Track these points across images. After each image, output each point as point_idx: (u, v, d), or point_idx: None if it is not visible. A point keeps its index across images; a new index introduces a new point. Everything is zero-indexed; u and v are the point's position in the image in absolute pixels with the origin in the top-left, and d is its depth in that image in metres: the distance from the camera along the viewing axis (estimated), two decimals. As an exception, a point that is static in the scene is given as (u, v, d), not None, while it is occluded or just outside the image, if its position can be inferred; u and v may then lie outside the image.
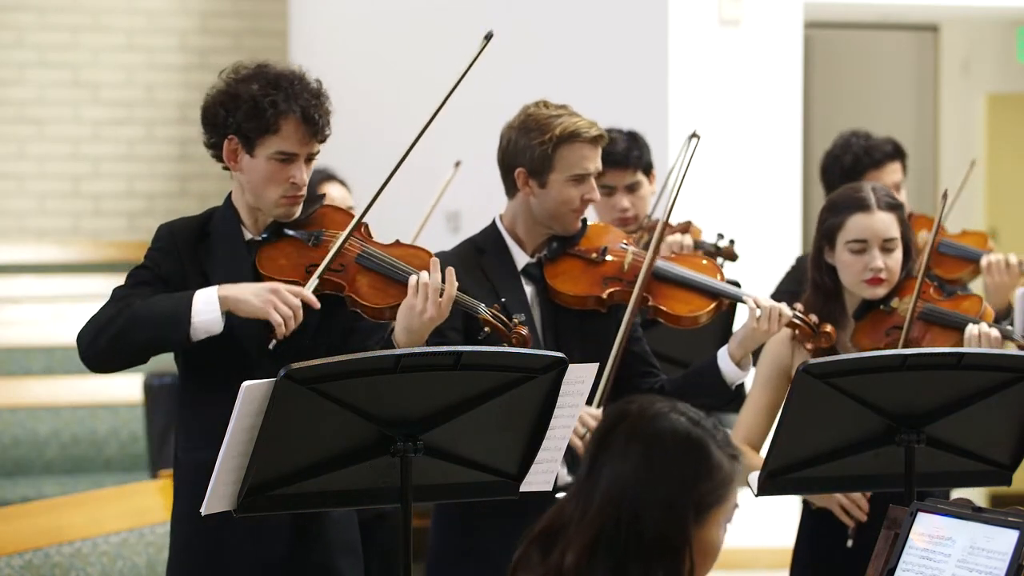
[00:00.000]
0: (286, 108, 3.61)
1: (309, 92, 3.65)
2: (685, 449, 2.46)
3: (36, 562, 4.86)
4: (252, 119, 3.61)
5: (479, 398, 3.23)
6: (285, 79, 3.64)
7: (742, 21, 7.62)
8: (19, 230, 9.96)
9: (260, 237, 3.69)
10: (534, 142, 3.89)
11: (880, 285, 4.03)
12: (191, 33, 10.18)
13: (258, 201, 3.67)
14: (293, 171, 3.64)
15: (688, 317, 3.95)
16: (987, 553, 3.03)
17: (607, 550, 2.43)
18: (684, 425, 2.48)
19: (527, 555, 2.51)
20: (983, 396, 3.50)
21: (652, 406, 2.51)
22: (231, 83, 3.65)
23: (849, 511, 3.97)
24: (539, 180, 3.90)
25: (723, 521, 2.49)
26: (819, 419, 3.49)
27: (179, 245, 3.69)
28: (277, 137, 3.61)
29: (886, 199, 4.06)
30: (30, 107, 9.97)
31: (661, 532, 2.43)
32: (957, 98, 10.15)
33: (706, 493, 2.46)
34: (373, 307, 3.63)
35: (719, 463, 2.48)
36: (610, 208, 4.90)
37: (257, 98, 3.60)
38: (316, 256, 3.66)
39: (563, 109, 3.94)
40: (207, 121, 3.69)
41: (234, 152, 3.65)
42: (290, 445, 3.19)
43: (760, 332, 3.89)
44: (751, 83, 7.67)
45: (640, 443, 2.46)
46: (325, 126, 3.67)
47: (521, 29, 8.18)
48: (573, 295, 3.93)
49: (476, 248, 3.98)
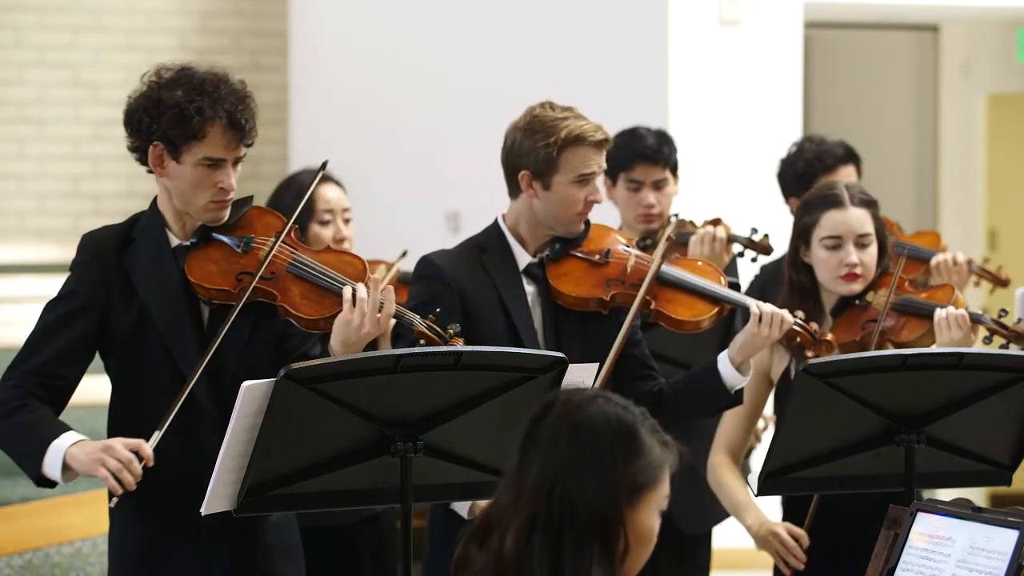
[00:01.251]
0: (211, 114, 3.54)
1: (235, 96, 3.59)
2: (614, 431, 2.49)
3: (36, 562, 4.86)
4: (177, 126, 3.55)
5: (479, 398, 3.23)
6: (210, 84, 3.57)
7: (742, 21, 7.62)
8: (19, 230, 9.96)
9: (188, 242, 3.64)
10: (539, 144, 3.88)
11: (856, 281, 4.05)
12: (191, 33, 10.18)
13: (186, 206, 3.62)
14: (220, 176, 3.58)
15: (690, 322, 3.94)
16: (987, 553, 3.03)
17: (542, 533, 2.45)
18: (612, 409, 2.51)
19: (466, 553, 2.53)
20: (983, 396, 3.50)
21: (578, 394, 2.54)
22: (154, 88, 3.60)
23: (786, 560, 3.96)
24: (543, 182, 3.90)
25: (656, 507, 2.51)
26: (819, 419, 3.49)
27: (101, 256, 3.64)
28: (203, 144, 3.56)
29: (860, 196, 4.10)
30: (30, 107, 9.96)
31: (594, 512, 2.45)
32: (957, 98, 10.15)
33: (637, 473, 2.48)
34: (307, 319, 3.57)
35: (649, 445, 2.50)
36: (636, 204, 4.89)
37: (182, 104, 3.54)
38: (246, 262, 3.61)
39: (568, 111, 3.93)
40: (130, 126, 3.65)
41: (159, 158, 3.60)
42: (290, 445, 3.19)
43: (761, 338, 3.89)
44: (751, 83, 7.67)
45: (569, 428, 2.49)
46: (251, 130, 3.61)
47: (521, 29, 8.19)
48: (576, 296, 3.93)
49: (478, 247, 3.98)
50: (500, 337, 3.80)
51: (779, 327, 3.87)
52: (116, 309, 3.61)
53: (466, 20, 8.52)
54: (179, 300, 3.60)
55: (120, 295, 3.60)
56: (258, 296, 3.58)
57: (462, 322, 3.80)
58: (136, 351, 3.60)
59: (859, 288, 4.07)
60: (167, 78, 3.60)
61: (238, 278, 3.59)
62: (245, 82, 3.66)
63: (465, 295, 3.86)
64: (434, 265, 3.89)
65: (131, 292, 3.60)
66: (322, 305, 3.57)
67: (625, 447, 2.48)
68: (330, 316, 3.55)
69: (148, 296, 3.60)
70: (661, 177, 4.91)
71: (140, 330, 3.60)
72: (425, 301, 3.81)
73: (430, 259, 3.92)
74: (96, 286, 3.62)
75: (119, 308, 3.61)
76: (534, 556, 2.45)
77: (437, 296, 3.82)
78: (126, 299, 3.60)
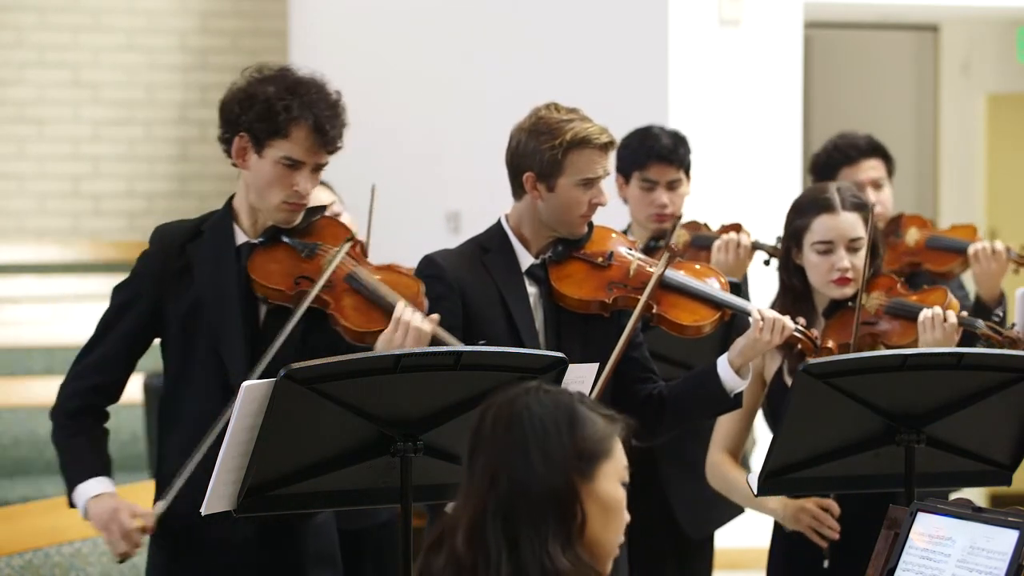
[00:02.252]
0: (299, 114, 3.60)
1: (326, 102, 3.65)
2: (552, 410, 2.51)
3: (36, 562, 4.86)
4: (264, 120, 3.61)
5: (479, 398, 3.21)
6: (304, 86, 3.65)
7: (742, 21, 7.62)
8: (19, 230, 9.96)
9: (256, 240, 3.70)
10: (544, 146, 3.88)
11: (847, 285, 4.06)
12: (191, 33, 10.18)
13: (260, 202, 3.67)
14: (298, 178, 3.63)
15: (692, 327, 3.94)
16: (987, 553, 3.04)
17: (494, 521, 2.46)
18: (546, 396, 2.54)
19: (425, 563, 2.54)
20: (983, 396, 3.50)
21: (512, 390, 2.57)
22: (252, 82, 3.66)
23: (820, 532, 3.96)
24: (547, 184, 3.89)
25: (615, 477, 2.52)
26: (819, 419, 3.49)
27: (166, 247, 3.69)
28: (286, 142, 3.61)
29: (851, 199, 4.08)
30: (30, 107, 9.97)
31: (545, 488, 2.46)
32: (957, 98, 10.15)
33: (583, 442, 2.49)
34: (355, 329, 3.62)
35: (591, 417, 2.53)
36: (648, 203, 4.89)
37: (272, 100, 3.60)
38: (307, 268, 3.66)
39: (574, 113, 3.92)
40: (223, 115, 3.70)
41: (243, 150, 3.65)
42: (290, 445, 3.19)
43: (762, 343, 3.89)
44: (751, 83, 7.67)
45: (506, 418, 2.51)
46: (337, 138, 3.66)
47: (521, 29, 8.19)
48: (578, 299, 3.92)
49: (481, 247, 3.98)
50: (501, 337, 3.80)
51: (780, 333, 3.87)
52: (171, 299, 3.67)
53: (466, 20, 8.52)
54: (235, 296, 3.66)
55: (177, 285, 3.66)
56: (313, 303, 3.63)
57: (463, 322, 3.80)
58: (185, 343, 3.66)
59: (851, 291, 4.07)
60: (265, 74, 3.67)
61: (296, 281, 3.64)
62: (341, 93, 3.72)
63: (466, 295, 3.86)
64: (436, 265, 3.90)
65: (189, 283, 3.66)
66: (370, 319, 3.62)
67: (565, 422, 2.51)
68: (377, 331, 3.59)
69: (204, 288, 3.66)
70: (675, 177, 4.90)
71: (192, 322, 3.66)
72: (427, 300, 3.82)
73: (432, 259, 3.92)
74: (154, 277, 3.69)
75: (174, 298, 3.67)
76: (490, 545, 2.46)
77: (438, 296, 3.82)
78: (183, 290, 3.66)
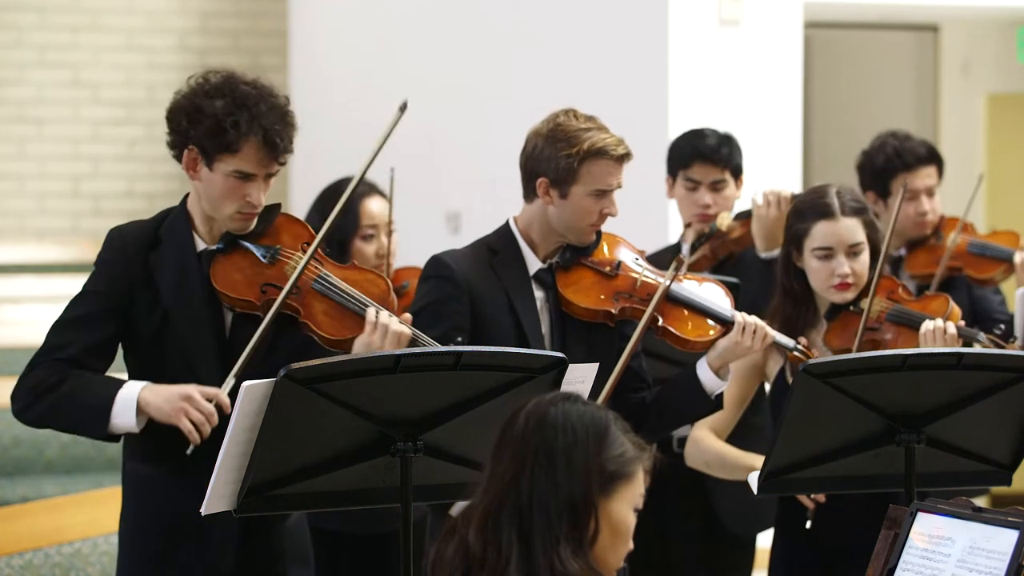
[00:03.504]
0: (247, 130, 3.56)
1: (275, 113, 3.59)
2: (585, 424, 2.54)
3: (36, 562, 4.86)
4: (213, 136, 3.57)
5: (479, 398, 3.23)
6: (251, 98, 3.58)
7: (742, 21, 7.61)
8: (19, 230, 9.96)
9: (215, 247, 3.66)
10: (560, 153, 3.87)
11: (848, 290, 4.07)
12: (191, 33, 10.18)
13: (213, 212, 3.65)
14: (250, 189, 3.60)
15: (695, 342, 3.94)
16: (987, 553, 3.04)
17: (509, 517, 2.49)
18: (583, 407, 2.57)
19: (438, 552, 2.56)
20: (983, 396, 3.50)
21: (549, 396, 2.59)
22: (198, 93, 3.61)
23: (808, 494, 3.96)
24: (561, 191, 3.89)
25: (630, 503, 2.55)
26: (819, 419, 3.50)
27: (128, 253, 3.65)
28: (236, 157, 3.58)
29: (851, 204, 4.08)
30: (30, 107, 9.97)
31: (564, 494, 2.49)
32: (957, 98, 10.15)
33: (608, 461, 2.52)
34: (329, 337, 3.61)
35: (620, 439, 2.55)
36: (692, 203, 4.88)
37: (220, 116, 3.56)
38: (271, 274, 3.63)
39: (592, 122, 3.92)
40: (171, 125, 3.66)
41: (193, 161, 3.63)
42: (290, 445, 3.19)
43: (742, 348, 3.91)
44: (751, 83, 7.66)
45: (538, 421, 2.54)
46: (286, 149, 3.62)
47: (521, 29, 8.18)
48: (584, 307, 3.92)
49: (489, 249, 3.97)
50: (508, 340, 3.80)
51: (761, 340, 3.90)
52: (139, 310, 3.63)
53: (466, 20, 8.52)
54: (202, 306, 3.62)
55: (144, 296, 3.62)
56: (283, 309, 3.60)
57: (472, 323, 3.81)
58: (156, 354, 3.63)
59: (851, 296, 4.08)
60: (212, 84, 3.61)
61: (263, 289, 3.61)
62: (288, 98, 3.67)
63: (475, 297, 3.86)
64: (445, 265, 3.89)
65: (154, 294, 3.62)
66: (344, 325, 3.62)
67: (596, 438, 2.53)
68: (352, 337, 3.59)
69: (171, 301, 3.62)
70: (719, 178, 4.89)
71: (161, 334, 3.63)
72: (435, 301, 3.82)
73: (441, 259, 3.92)
74: (121, 286, 3.64)
75: (142, 309, 3.63)
76: (502, 539, 2.48)
77: (447, 297, 3.83)
78: (149, 301, 3.63)
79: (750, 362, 4.10)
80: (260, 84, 3.64)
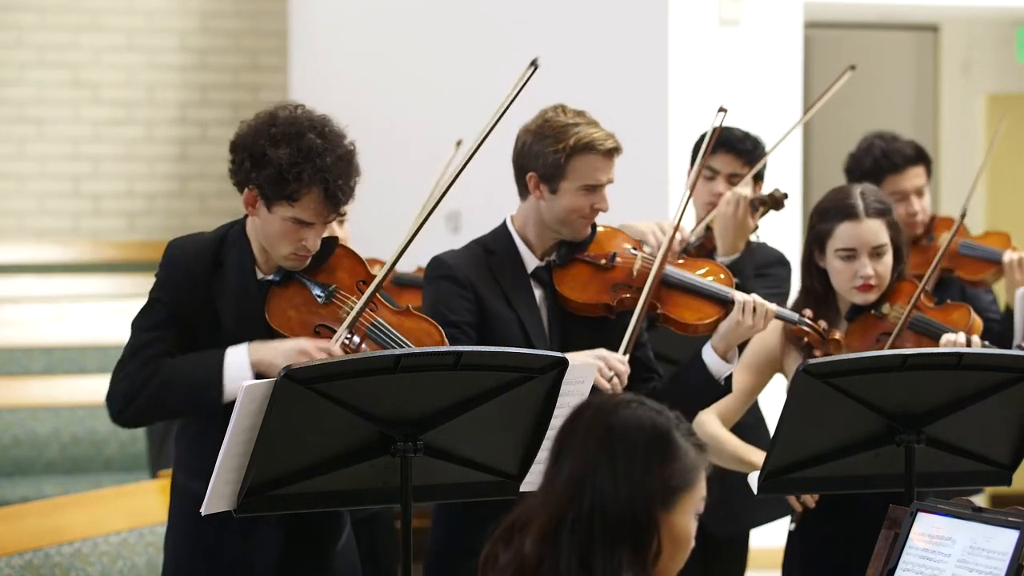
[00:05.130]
0: (309, 181, 3.53)
1: (339, 167, 3.57)
2: (648, 434, 2.50)
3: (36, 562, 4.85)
4: (274, 184, 3.55)
5: (479, 398, 3.23)
6: (317, 150, 3.54)
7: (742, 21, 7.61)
8: (19, 230, 9.96)
9: (271, 278, 3.66)
10: (548, 148, 3.88)
11: (870, 291, 4.05)
12: (191, 33, 10.18)
13: (268, 248, 3.64)
14: (307, 235, 3.59)
15: (697, 325, 3.94)
16: (987, 553, 3.04)
17: (570, 533, 2.45)
18: (646, 413, 2.52)
19: (493, 553, 2.54)
20: (983, 396, 3.50)
21: (612, 399, 2.55)
22: (263, 135, 3.57)
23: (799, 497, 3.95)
24: (550, 186, 3.90)
25: (692, 510, 2.51)
26: (819, 419, 3.50)
27: (191, 275, 3.64)
28: (295, 206, 3.56)
29: (875, 205, 4.06)
30: (30, 107, 9.97)
31: (627, 513, 2.45)
32: (957, 98, 10.15)
33: (671, 476, 2.48)
34: None
35: (684, 448, 2.51)
36: (707, 192, 4.86)
37: (284, 167, 3.53)
38: (325, 315, 3.63)
39: (580, 117, 3.92)
40: (233, 159, 3.64)
41: (253, 200, 3.61)
42: (290, 445, 3.19)
43: (745, 327, 3.90)
44: (751, 83, 7.66)
45: (601, 430, 2.50)
46: (347, 199, 3.60)
47: (521, 29, 8.18)
48: (582, 302, 3.92)
49: (486, 249, 3.98)
50: (513, 337, 3.81)
51: (764, 318, 3.90)
52: (200, 329, 3.62)
53: (466, 20, 8.52)
54: (260, 335, 3.60)
55: (204, 316, 3.62)
56: None
57: (478, 322, 3.81)
58: None
59: (873, 297, 4.06)
60: (278, 128, 3.56)
61: (316, 330, 3.60)
62: (355, 144, 3.63)
63: (478, 295, 3.87)
64: (447, 265, 3.90)
65: (216, 317, 3.61)
66: None
67: (659, 450, 2.49)
68: None
69: (232, 329, 3.61)
70: (738, 172, 4.87)
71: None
72: (443, 300, 3.82)
73: (443, 260, 3.93)
74: (184, 300, 3.62)
75: (203, 329, 3.62)
76: (560, 556, 2.44)
77: (455, 296, 3.83)
78: (211, 321, 3.62)
79: (766, 354, 4.09)
80: (328, 132, 3.60)
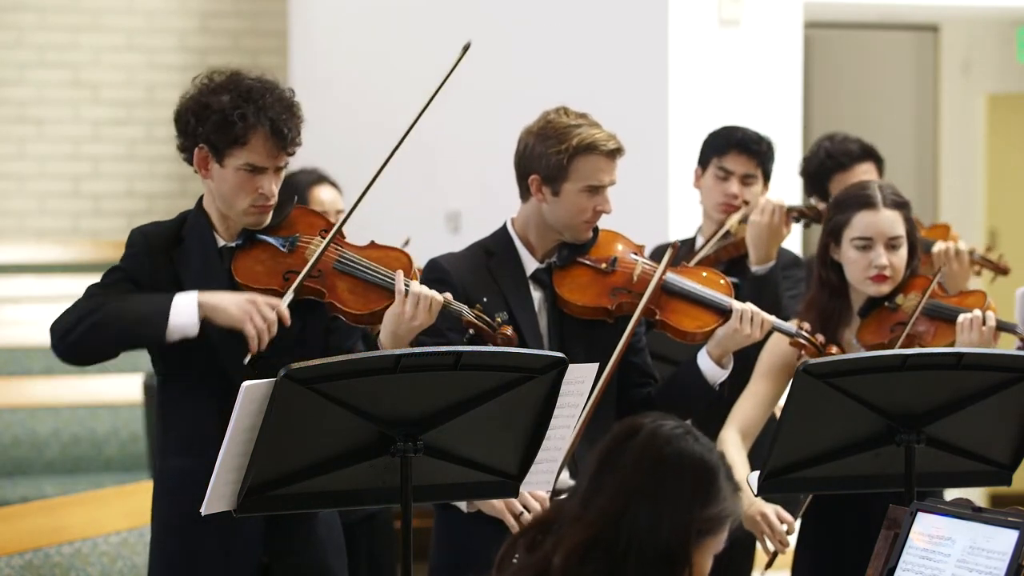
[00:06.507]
0: (255, 121, 3.60)
1: (281, 105, 3.64)
2: (697, 472, 2.50)
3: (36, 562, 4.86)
4: (221, 131, 3.61)
5: (479, 398, 3.23)
6: (256, 91, 3.63)
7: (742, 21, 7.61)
8: (19, 230, 9.96)
9: (234, 244, 3.70)
10: (550, 150, 3.88)
11: (885, 283, 4.05)
12: (191, 33, 10.18)
13: (227, 209, 3.68)
14: (262, 182, 3.64)
15: (694, 333, 3.94)
16: (987, 553, 3.03)
17: (603, 557, 2.44)
18: (699, 449, 2.52)
19: (511, 551, 2.53)
20: (983, 396, 3.50)
21: (667, 426, 2.54)
22: (204, 91, 3.66)
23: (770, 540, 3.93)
24: (553, 188, 3.90)
25: (714, 550, 2.52)
26: (819, 419, 3.49)
27: (152, 251, 3.69)
28: (245, 150, 3.61)
29: (892, 197, 4.08)
30: (30, 107, 9.97)
31: (664, 547, 2.45)
32: (957, 98, 10.14)
33: (708, 519, 2.49)
34: (356, 313, 3.64)
35: (724, 494, 2.51)
36: (720, 192, 4.86)
37: (226, 110, 3.60)
38: (292, 262, 3.67)
39: (583, 119, 3.92)
40: (179, 127, 3.70)
41: (204, 160, 3.66)
42: (290, 445, 3.19)
43: (741, 335, 3.91)
44: (751, 83, 7.66)
45: (653, 459, 2.49)
46: (295, 139, 3.66)
47: (521, 29, 8.18)
48: (581, 305, 3.92)
49: (485, 251, 3.98)
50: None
51: (760, 326, 3.90)
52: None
53: (466, 20, 8.52)
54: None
55: (169, 291, 3.63)
56: (306, 294, 3.64)
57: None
58: (182, 352, 3.63)
59: (887, 289, 4.06)
60: (216, 82, 3.66)
61: (285, 277, 3.65)
62: (294, 91, 3.70)
63: (470, 298, 3.86)
64: (442, 269, 3.91)
65: (179, 290, 3.63)
66: (369, 300, 3.64)
67: (704, 490, 2.49)
68: (379, 310, 3.61)
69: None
70: (751, 172, 4.87)
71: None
72: None
73: (438, 263, 3.94)
74: (146, 275, 3.67)
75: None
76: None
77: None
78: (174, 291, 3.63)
79: (781, 361, 4.08)
80: (265, 78, 3.68)
